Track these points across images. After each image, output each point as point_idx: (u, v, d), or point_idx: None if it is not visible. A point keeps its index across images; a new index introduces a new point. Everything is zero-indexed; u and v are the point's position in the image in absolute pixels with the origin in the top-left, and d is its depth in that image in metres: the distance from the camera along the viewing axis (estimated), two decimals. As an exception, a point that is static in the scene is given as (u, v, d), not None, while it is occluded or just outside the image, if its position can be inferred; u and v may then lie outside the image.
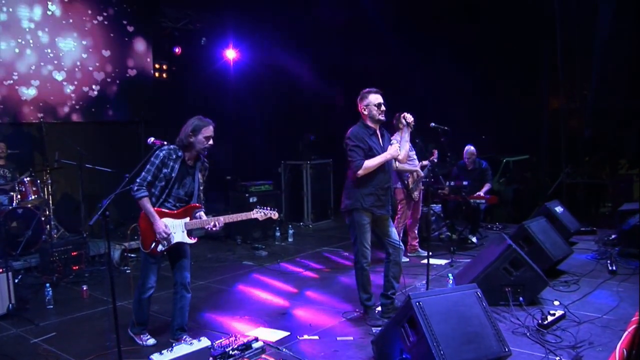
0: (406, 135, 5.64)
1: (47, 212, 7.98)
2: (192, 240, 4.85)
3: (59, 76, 8.90)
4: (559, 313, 5.28)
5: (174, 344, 4.15)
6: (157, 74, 10.80)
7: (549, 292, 6.01)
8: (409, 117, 5.53)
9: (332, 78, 11.50)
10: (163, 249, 4.74)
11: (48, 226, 7.89)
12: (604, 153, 11.15)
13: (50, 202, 8.06)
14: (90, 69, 9.31)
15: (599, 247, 7.92)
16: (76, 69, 9.12)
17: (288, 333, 5.24)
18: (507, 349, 4.15)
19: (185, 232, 4.78)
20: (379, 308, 5.61)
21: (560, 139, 11.17)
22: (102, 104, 9.49)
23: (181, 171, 4.67)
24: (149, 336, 5.05)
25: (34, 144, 8.67)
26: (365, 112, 5.41)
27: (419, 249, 8.19)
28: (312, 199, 11.01)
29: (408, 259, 7.85)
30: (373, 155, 5.28)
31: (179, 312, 4.94)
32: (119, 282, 6.97)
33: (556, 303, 5.66)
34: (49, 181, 8.01)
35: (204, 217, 4.82)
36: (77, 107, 9.20)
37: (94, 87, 9.37)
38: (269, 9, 11.57)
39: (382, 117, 5.38)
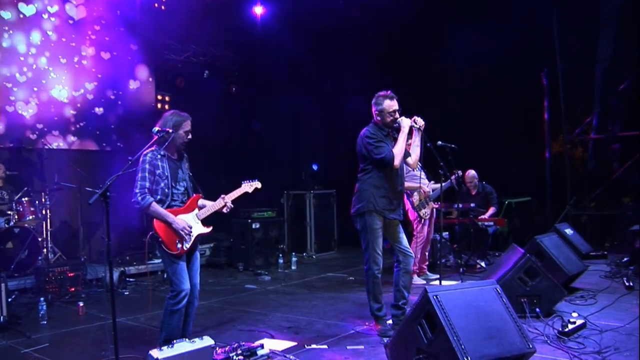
0: (417, 140, 5.46)
1: (44, 235, 7.73)
2: (209, 229, 4.71)
3: (61, 98, 8.78)
4: (579, 322, 5.01)
5: (174, 341, 3.87)
6: (159, 105, 10.72)
7: (566, 306, 5.77)
8: (420, 121, 5.36)
9: (335, 105, 11.44)
10: (187, 245, 4.53)
11: (45, 250, 7.64)
12: (609, 185, 10.92)
13: (48, 224, 7.83)
14: (92, 92, 9.19)
15: (612, 269, 7.65)
16: (78, 92, 9.01)
17: (295, 343, 4.95)
18: (531, 346, 3.87)
19: (200, 222, 4.64)
20: (390, 321, 5.31)
21: (565, 172, 11.00)
22: (104, 128, 9.34)
23: (171, 167, 4.55)
24: None
25: (33, 165, 8.48)
26: (379, 118, 5.28)
27: (428, 272, 7.91)
28: (315, 229, 10.76)
29: (425, 282, 7.58)
30: None
31: (185, 319, 4.64)
32: (116, 302, 6.63)
33: (575, 314, 5.38)
34: (47, 203, 7.79)
35: (210, 203, 4.69)
36: (79, 130, 9.05)
37: (96, 109, 9.24)
38: (271, 43, 11.63)
39: (395, 125, 5.25)
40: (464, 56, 10.72)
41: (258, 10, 11.76)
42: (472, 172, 8.99)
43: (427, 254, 7.89)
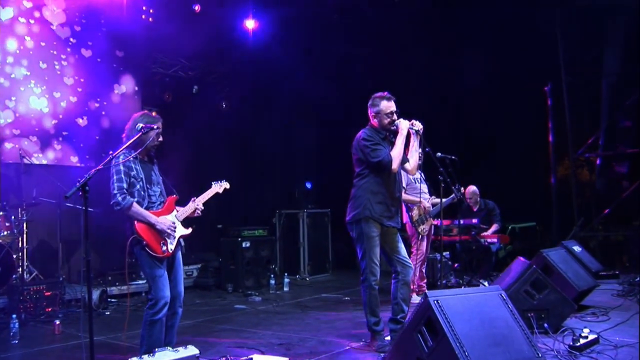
0: (416, 145, 5.40)
1: (20, 252, 7.58)
2: (189, 230, 4.68)
3: (41, 107, 8.67)
4: (591, 337, 4.88)
5: (156, 349, 3.74)
6: (146, 121, 10.65)
7: (576, 322, 5.66)
8: (418, 124, 5.31)
9: (329, 122, 11.40)
10: (172, 247, 4.49)
11: (20, 268, 7.48)
12: (618, 205, 10.84)
13: (24, 240, 7.68)
14: (74, 101, 9.08)
15: (624, 288, 7.53)
16: (59, 101, 8.92)
17: (287, 359, 4.80)
18: (540, 354, 3.77)
19: (180, 224, 4.60)
20: (388, 337, 5.18)
21: (571, 194, 10.92)
22: (87, 140, 9.21)
23: (144, 170, 4.54)
24: None
25: (9, 179, 8.34)
26: (376, 120, 5.25)
27: (427, 291, 7.76)
28: (309, 250, 10.65)
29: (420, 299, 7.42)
30: None
31: (169, 330, 4.53)
32: (96, 322, 6.49)
33: (586, 331, 5.24)
34: (24, 218, 7.66)
35: (182, 208, 4.68)
36: (61, 142, 8.93)
37: (79, 120, 9.14)
38: (263, 58, 11.66)
39: (393, 128, 5.20)
40: (461, 72, 10.75)
41: (250, 24, 11.81)
42: (472, 188, 8.92)
43: (423, 270, 7.77)
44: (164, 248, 4.41)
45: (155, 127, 4.44)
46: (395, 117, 5.21)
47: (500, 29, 10.04)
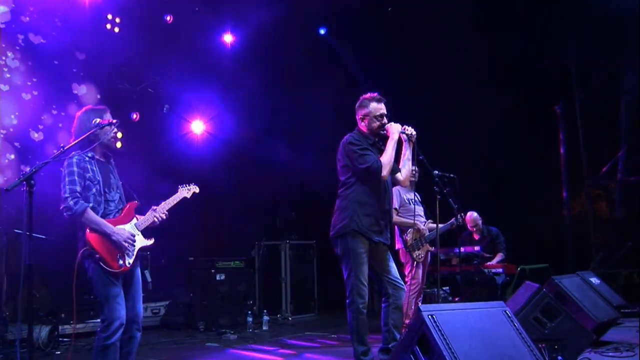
0: (408, 153, 5.36)
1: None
2: (151, 241, 4.56)
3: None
4: (613, 371, 4.77)
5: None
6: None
7: (596, 357, 5.54)
8: (410, 129, 5.28)
9: (315, 146, 11.38)
10: (131, 261, 4.36)
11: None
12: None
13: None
14: (28, 97, 8.87)
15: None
16: (10, 115, 8.79)
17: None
18: (551, 378, 3.63)
19: (140, 234, 4.49)
20: (379, 370, 5.04)
21: (588, 231, 10.86)
22: (43, 158, 9.04)
23: (102, 171, 4.45)
24: None
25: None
26: (364, 123, 5.23)
27: (421, 305, 7.61)
28: (292, 286, 10.49)
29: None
30: None
31: (125, 358, 4.37)
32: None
33: (608, 364, 5.13)
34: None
35: (143, 216, 4.60)
36: (10, 158, 8.79)
37: (35, 134, 8.98)
38: (243, 76, 11.70)
39: (383, 132, 5.17)
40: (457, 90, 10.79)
41: (228, 38, 11.86)
42: (474, 214, 8.86)
43: (420, 303, 7.63)
44: (121, 262, 4.28)
45: (114, 121, 4.36)
46: (385, 120, 5.20)
47: (502, 39, 10.12)
